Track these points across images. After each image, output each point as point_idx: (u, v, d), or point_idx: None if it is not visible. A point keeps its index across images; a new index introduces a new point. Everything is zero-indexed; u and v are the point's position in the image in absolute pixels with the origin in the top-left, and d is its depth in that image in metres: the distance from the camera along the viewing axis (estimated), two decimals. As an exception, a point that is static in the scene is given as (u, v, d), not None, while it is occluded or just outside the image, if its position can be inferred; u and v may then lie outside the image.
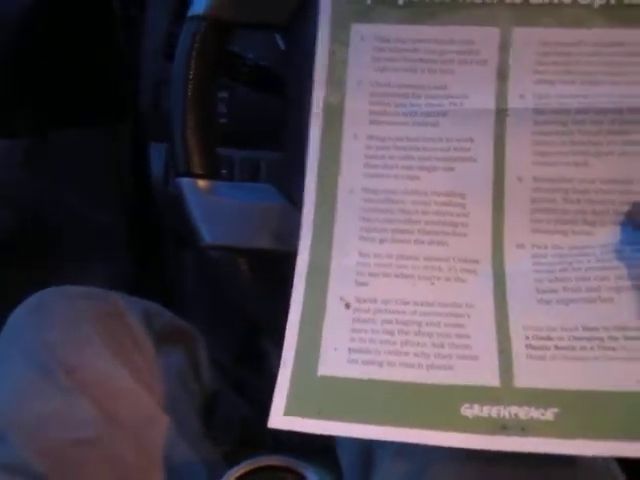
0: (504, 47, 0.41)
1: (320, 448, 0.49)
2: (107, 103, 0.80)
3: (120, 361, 0.51)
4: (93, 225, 0.79)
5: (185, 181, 0.47)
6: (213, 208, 0.47)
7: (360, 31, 0.42)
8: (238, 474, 0.38)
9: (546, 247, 0.39)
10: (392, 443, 0.37)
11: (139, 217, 0.81)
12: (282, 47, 0.62)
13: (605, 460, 0.41)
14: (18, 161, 0.76)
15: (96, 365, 0.50)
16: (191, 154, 0.47)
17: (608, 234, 0.39)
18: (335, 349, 0.38)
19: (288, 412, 0.37)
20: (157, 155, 0.73)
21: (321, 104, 0.42)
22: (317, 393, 0.37)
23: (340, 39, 0.42)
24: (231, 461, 0.50)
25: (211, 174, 0.47)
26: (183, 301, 0.81)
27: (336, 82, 0.42)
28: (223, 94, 0.67)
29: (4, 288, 0.65)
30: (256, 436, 0.59)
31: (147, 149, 0.75)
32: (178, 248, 0.81)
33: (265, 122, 0.57)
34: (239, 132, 0.66)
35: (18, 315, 0.53)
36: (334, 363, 0.38)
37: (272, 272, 0.49)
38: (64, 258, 0.77)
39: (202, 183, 0.47)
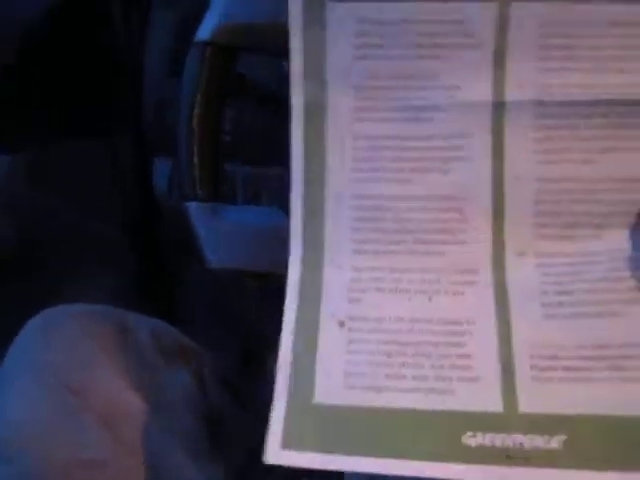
0: (502, 27, 0.35)
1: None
2: (109, 116, 0.80)
3: (127, 381, 0.51)
4: (95, 240, 0.79)
5: (191, 205, 0.47)
6: (219, 232, 0.47)
7: (337, 11, 0.36)
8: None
9: (551, 255, 0.36)
10: None
11: (143, 232, 0.81)
12: (287, 70, 0.62)
13: None
14: (20, 177, 0.76)
15: (103, 386, 0.50)
16: (198, 179, 0.47)
17: (618, 238, 0.36)
18: (330, 374, 0.35)
19: (285, 446, 0.35)
20: (161, 169, 0.73)
21: (301, 103, 0.38)
22: (313, 424, 0.35)
23: (315, 21, 0.37)
24: (237, 481, 0.50)
25: (217, 197, 0.47)
26: (187, 316, 0.81)
27: (315, 75, 0.37)
28: (229, 112, 0.67)
29: (5, 303, 0.65)
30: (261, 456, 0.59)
31: (151, 163, 0.75)
32: (182, 263, 0.81)
33: (270, 141, 0.57)
34: (243, 149, 0.66)
35: (24, 335, 0.53)
36: (330, 390, 0.35)
37: (279, 292, 0.49)
38: (66, 273, 0.77)
39: (208, 207, 0.47)
